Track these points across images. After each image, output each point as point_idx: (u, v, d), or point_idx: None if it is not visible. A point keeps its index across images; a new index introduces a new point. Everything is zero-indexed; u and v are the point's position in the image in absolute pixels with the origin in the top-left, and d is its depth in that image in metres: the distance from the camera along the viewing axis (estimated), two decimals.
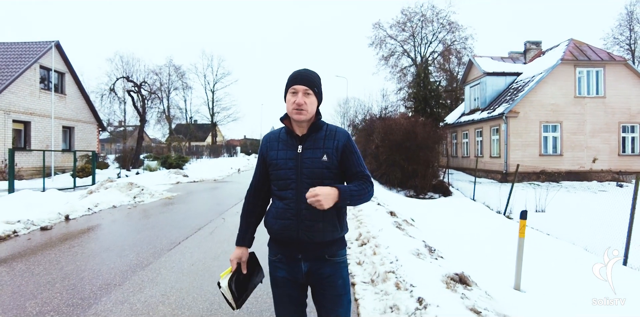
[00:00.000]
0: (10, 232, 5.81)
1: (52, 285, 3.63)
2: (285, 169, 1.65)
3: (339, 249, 1.71)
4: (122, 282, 3.68)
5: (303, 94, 1.63)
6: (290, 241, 1.65)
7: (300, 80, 1.65)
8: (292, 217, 1.62)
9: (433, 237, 5.94)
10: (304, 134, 1.69)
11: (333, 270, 1.67)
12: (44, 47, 17.63)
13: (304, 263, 1.66)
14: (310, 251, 1.65)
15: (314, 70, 1.73)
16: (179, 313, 3.01)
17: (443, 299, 2.96)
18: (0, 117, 15.08)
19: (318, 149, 1.65)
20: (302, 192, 1.60)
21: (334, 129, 1.72)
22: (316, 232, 1.61)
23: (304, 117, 1.64)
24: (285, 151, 1.68)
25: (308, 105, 1.63)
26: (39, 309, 3.08)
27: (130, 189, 9.47)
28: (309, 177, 1.62)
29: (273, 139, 1.75)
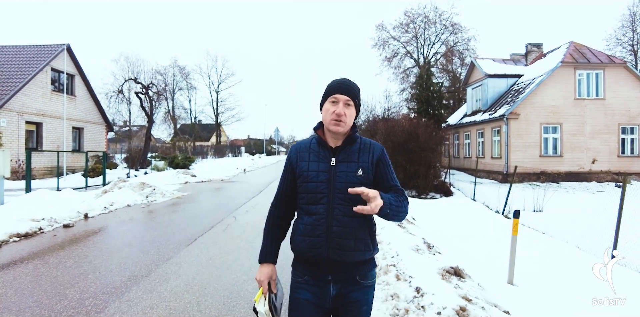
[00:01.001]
0: (37, 229, 6.21)
1: (85, 276, 4.01)
2: (317, 182, 1.55)
3: (370, 270, 1.62)
4: (148, 274, 4.06)
5: (344, 105, 1.56)
6: (320, 260, 1.54)
7: (343, 89, 1.58)
8: (321, 235, 1.52)
9: (432, 235, 6.29)
10: (338, 146, 1.61)
11: (362, 295, 1.58)
12: (55, 50, 18.09)
13: (333, 285, 1.56)
14: (341, 272, 1.55)
15: (354, 82, 1.66)
16: (203, 301, 3.39)
17: (438, 289, 3.31)
18: (14, 119, 15.54)
19: (353, 162, 1.57)
20: (333, 207, 1.53)
21: (368, 142, 1.66)
22: (348, 251, 1.52)
23: (342, 129, 1.56)
24: (317, 163, 1.58)
25: (347, 116, 1.56)
26: (79, 296, 3.47)
27: (142, 189, 9.88)
28: (342, 192, 1.52)
29: (303, 149, 1.65)
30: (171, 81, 36.85)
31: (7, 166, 9.47)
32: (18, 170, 15.27)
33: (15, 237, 5.74)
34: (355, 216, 1.51)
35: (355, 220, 1.53)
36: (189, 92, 40.80)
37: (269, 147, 62.27)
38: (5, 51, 17.95)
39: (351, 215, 1.50)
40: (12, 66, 16.93)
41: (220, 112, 44.43)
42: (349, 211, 1.49)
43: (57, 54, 17.92)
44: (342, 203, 1.52)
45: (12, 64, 17.04)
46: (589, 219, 8.19)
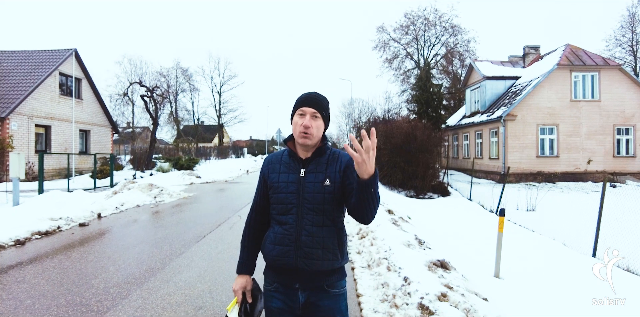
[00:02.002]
0: (55, 227, 6.65)
1: (106, 268, 4.44)
2: (286, 193, 1.60)
3: (339, 279, 1.64)
4: (163, 267, 4.49)
5: (311, 117, 1.59)
6: (288, 268, 1.58)
7: (308, 102, 1.61)
8: (290, 244, 1.56)
9: (425, 232, 6.70)
10: (308, 158, 1.64)
11: (332, 303, 1.60)
12: (63, 54, 18.57)
13: (301, 293, 1.59)
14: (308, 281, 1.58)
15: (323, 94, 1.69)
16: (214, 289, 3.80)
17: (424, 278, 3.72)
18: (24, 122, 16.02)
19: (320, 173, 1.60)
20: (302, 217, 1.57)
21: (337, 153, 1.68)
22: (315, 260, 1.55)
23: (310, 141, 1.59)
24: (287, 174, 1.63)
25: (314, 128, 1.58)
26: (104, 285, 3.89)
27: (150, 190, 10.31)
28: (310, 202, 1.57)
29: (275, 161, 1.70)
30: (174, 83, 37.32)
31: (22, 168, 9.90)
32: (28, 172, 15.73)
33: (37, 235, 6.18)
34: (324, 226, 1.57)
35: (323, 229, 1.57)
36: (191, 94, 41.34)
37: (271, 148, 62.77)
38: (15, 56, 18.44)
39: (319, 225, 1.56)
40: (21, 71, 17.41)
41: (223, 113, 44.88)
42: (318, 220, 1.56)
43: (65, 58, 18.39)
44: (310, 213, 1.56)
45: (22, 69, 17.53)
46: (579, 218, 8.57)
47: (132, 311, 3.28)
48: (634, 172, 17.25)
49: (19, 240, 5.80)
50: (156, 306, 3.38)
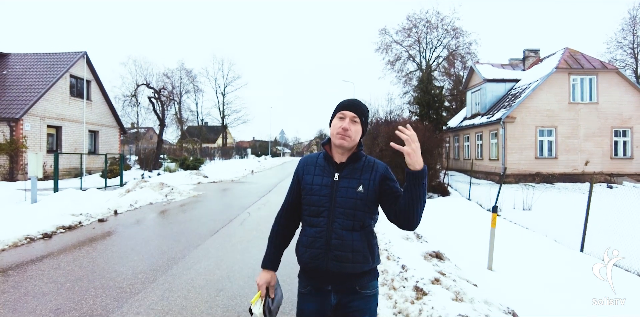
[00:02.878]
0: (77, 222, 7.11)
1: (131, 258, 4.89)
2: (320, 196, 1.64)
3: (370, 280, 1.67)
4: (183, 257, 4.93)
5: (350, 120, 1.64)
6: (320, 271, 1.61)
7: (350, 107, 1.67)
8: (321, 247, 1.59)
9: (424, 228, 7.10)
10: (343, 162, 1.68)
11: (363, 304, 1.63)
12: (74, 57, 19.09)
13: (333, 295, 1.62)
14: (340, 283, 1.61)
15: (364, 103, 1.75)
16: (232, 275, 4.24)
17: (419, 266, 4.14)
18: (37, 123, 16.53)
19: (354, 179, 1.65)
20: (333, 220, 1.59)
21: (372, 161, 1.72)
22: (345, 262, 1.57)
23: (347, 143, 1.63)
24: (321, 177, 1.67)
25: (353, 132, 1.63)
26: (132, 271, 4.34)
27: (161, 189, 10.77)
28: (342, 206, 1.60)
29: (310, 163, 1.74)
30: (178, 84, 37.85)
31: (39, 167, 10.38)
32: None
33: (61, 229, 6.64)
34: (353, 230, 1.59)
35: (353, 234, 1.59)
36: (195, 95, 41.87)
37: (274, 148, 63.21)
38: (27, 59, 18.98)
39: (349, 229, 1.59)
40: (34, 73, 17.94)
41: (227, 114, 45.43)
42: (348, 224, 1.59)
43: (75, 61, 18.91)
44: (341, 217, 1.59)
45: (34, 71, 18.06)
46: (572, 216, 8.95)
47: (161, 292, 3.71)
48: (631, 173, 17.60)
49: (46, 233, 6.25)
50: (182, 288, 3.82)
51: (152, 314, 3.24)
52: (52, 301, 3.51)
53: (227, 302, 3.51)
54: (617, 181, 17.01)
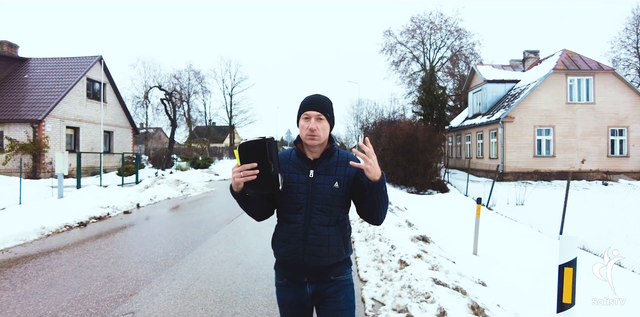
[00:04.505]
0: (106, 214, 7.94)
1: (160, 241, 5.68)
2: (296, 193, 1.66)
3: (344, 268, 1.75)
4: (205, 240, 5.72)
5: (316, 120, 1.65)
6: (296, 264, 1.68)
7: (312, 105, 1.67)
8: (297, 242, 1.64)
9: (418, 219, 7.84)
10: (316, 159, 1.71)
11: (337, 288, 1.71)
12: (90, 61, 20.02)
13: (309, 285, 1.70)
14: (315, 275, 1.69)
15: (325, 96, 1.75)
16: (248, 252, 5.02)
17: (406, 246, 4.88)
18: (57, 124, 17.47)
19: (330, 175, 1.68)
20: (311, 217, 1.64)
21: (345, 155, 1.75)
22: (321, 257, 1.64)
23: (317, 142, 1.66)
24: (297, 174, 1.69)
25: (320, 130, 1.65)
26: (163, 250, 5.14)
27: (177, 185, 11.60)
28: (319, 203, 1.64)
29: (284, 160, 1.74)
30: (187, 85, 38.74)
31: (65, 165, 11.24)
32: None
33: (93, 219, 7.47)
34: (330, 225, 1.66)
35: (329, 228, 1.66)
36: (203, 96, 42.74)
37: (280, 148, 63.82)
38: (47, 63, 19.95)
39: (326, 224, 1.65)
40: (53, 77, 18.89)
41: (234, 114, 46.25)
42: (325, 220, 1.65)
43: (92, 65, 19.84)
44: (319, 213, 1.64)
45: (54, 75, 19.01)
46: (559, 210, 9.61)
47: (190, 266, 4.50)
48: (627, 171, 18.12)
49: (81, 222, 7.09)
50: (207, 262, 4.61)
51: (185, 280, 4.02)
52: (103, 271, 4.31)
53: (245, 272, 4.29)
54: (613, 179, 17.56)
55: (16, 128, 16.43)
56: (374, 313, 3.27)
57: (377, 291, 3.75)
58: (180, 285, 3.87)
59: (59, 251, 5.17)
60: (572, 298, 1.77)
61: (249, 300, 3.51)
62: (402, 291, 3.47)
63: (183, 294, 3.62)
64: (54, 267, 4.45)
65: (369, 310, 3.34)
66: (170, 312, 3.24)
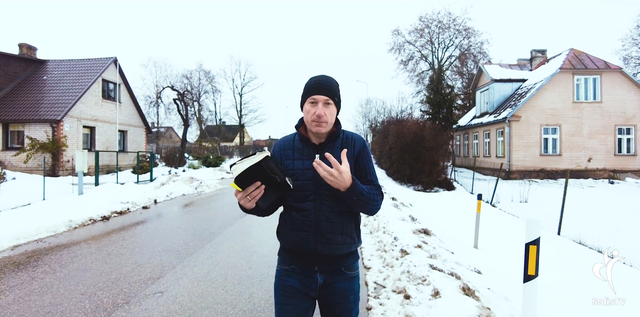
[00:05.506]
0: (126, 209, 8.43)
1: (179, 233, 6.13)
2: (303, 180, 1.58)
3: (354, 261, 1.68)
4: (221, 232, 6.15)
5: (323, 105, 1.56)
6: (308, 252, 1.60)
7: (321, 89, 1.57)
8: (309, 229, 1.57)
9: (422, 215, 8.19)
10: (322, 143, 1.64)
11: (348, 284, 1.65)
12: (105, 62, 20.65)
13: (320, 275, 1.63)
14: (328, 264, 1.62)
15: (332, 77, 1.66)
16: (261, 242, 5.44)
17: (409, 238, 5.25)
18: (74, 124, 18.11)
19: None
20: (321, 203, 1.57)
21: (350, 136, 1.68)
22: (335, 244, 1.58)
23: (324, 129, 1.58)
24: (302, 161, 1.62)
25: (328, 116, 1.57)
26: (183, 241, 5.57)
27: (191, 182, 12.08)
28: (329, 189, 1.53)
29: (287, 147, 1.68)
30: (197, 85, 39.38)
31: (85, 163, 11.77)
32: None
33: (115, 214, 7.95)
34: (342, 211, 1.58)
35: (342, 215, 1.58)
36: (214, 95, 43.37)
37: None
38: (64, 65, 20.62)
39: (338, 210, 1.57)
40: (70, 78, 19.55)
41: (244, 114, 46.87)
42: (336, 206, 1.56)
43: (107, 66, 20.47)
44: (329, 199, 1.56)
45: (71, 76, 19.67)
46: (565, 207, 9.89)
47: (209, 254, 4.93)
48: (634, 169, 18.19)
49: (104, 216, 7.57)
50: (224, 251, 5.03)
51: (205, 266, 4.45)
52: (130, 259, 4.75)
53: (260, 259, 4.70)
54: (620, 177, 17.65)
55: (36, 128, 17.08)
56: (375, 294, 3.65)
57: (379, 276, 4.13)
58: (202, 270, 4.29)
59: (87, 241, 5.64)
60: (535, 271, 2.12)
61: (264, 283, 3.92)
62: (401, 275, 3.85)
63: (205, 278, 4.05)
64: (86, 255, 4.91)
65: (371, 292, 3.72)
66: (195, 292, 3.66)
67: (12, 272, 4.23)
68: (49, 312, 3.21)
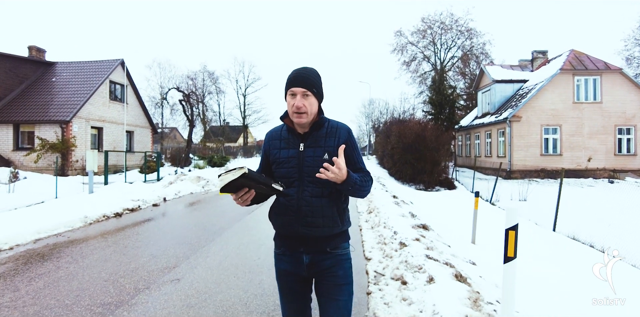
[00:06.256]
0: (137, 206, 8.76)
1: (190, 228, 6.45)
2: (288, 168, 1.69)
3: (341, 242, 1.76)
4: (230, 227, 6.47)
5: (302, 96, 1.63)
6: (293, 235, 1.71)
7: (298, 82, 1.65)
8: (292, 214, 1.67)
9: (422, 212, 8.48)
10: (306, 132, 1.72)
11: (334, 262, 1.73)
12: (112, 64, 21.05)
13: (305, 256, 1.72)
14: (312, 245, 1.71)
15: (313, 69, 1.73)
16: (268, 236, 5.74)
17: (407, 232, 5.54)
18: (82, 125, 18.50)
19: (319, 147, 1.69)
20: (303, 189, 1.66)
21: (335, 126, 1.75)
22: (316, 227, 1.66)
23: (305, 120, 1.66)
24: (287, 150, 1.72)
25: (307, 107, 1.64)
26: (194, 235, 5.90)
27: (198, 181, 12.42)
28: (310, 175, 1.64)
29: (275, 137, 1.79)
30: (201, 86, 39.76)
31: (95, 163, 12.13)
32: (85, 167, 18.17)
33: (127, 211, 8.29)
34: (322, 196, 1.67)
35: (322, 200, 1.67)
36: (218, 96, 43.81)
37: None
38: (72, 67, 21.04)
39: (319, 195, 1.67)
40: (78, 80, 19.96)
41: (247, 114, 47.22)
42: (317, 192, 1.67)
43: (114, 68, 20.86)
44: (310, 185, 1.66)
45: (79, 78, 20.08)
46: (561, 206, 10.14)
47: (220, 246, 5.25)
48: (634, 169, 18.39)
49: (117, 213, 7.91)
50: (234, 244, 5.35)
51: (217, 257, 4.76)
52: (146, 251, 5.08)
53: (267, 251, 5.02)
54: (620, 177, 17.85)
55: (46, 128, 17.48)
56: (375, 281, 3.95)
57: (378, 265, 4.44)
58: (214, 260, 4.61)
59: (104, 236, 5.97)
60: (514, 253, 2.41)
61: (272, 271, 4.20)
62: (399, 264, 4.15)
63: (217, 267, 4.36)
64: (104, 248, 5.24)
65: (371, 279, 4.03)
66: (209, 279, 3.97)
67: (38, 262, 4.57)
68: (77, 295, 3.53)
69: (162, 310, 3.21)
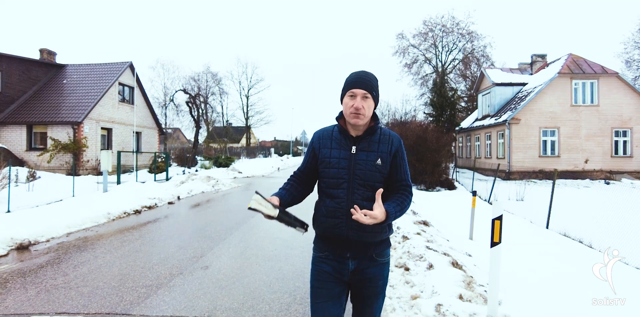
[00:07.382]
0: (154, 204, 9.28)
1: (208, 224, 6.96)
2: (338, 169, 1.68)
3: (385, 248, 1.76)
4: (245, 222, 6.99)
5: (361, 98, 1.65)
6: (340, 239, 1.68)
7: (359, 84, 1.67)
8: (342, 216, 1.65)
9: (423, 210, 8.97)
10: (359, 136, 1.72)
11: (378, 271, 1.73)
12: (121, 67, 21.60)
13: (351, 261, 1.70)
14: (359, 250, 1.69)
15: (372, 73, 1.74)
16: (281, 230, 6.26)
17: (409, 227, 6.04)
18: (93, 126, 19.04)
19: (372, 152, 1.69)
20: (353, 192, 1.65)
21: (387, 133, 1.76)
22: (365, 232, 1.64)
23: (362, 121, 1.67)
24: (338, 150, 1.71)
25: (366, 109, 1.65)
26: (213, 229, 6.41)
27: (208, 181, 12.93)
28: (361, 179, 1.65)
29: (326, 136, 1.78)
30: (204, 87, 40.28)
31: (109, 163, 12.65)
32: (97, 167, 18.72)
33: (145, 208, 8.81)
34: (373, 200, 1.63)
35: (372, 204, 1.62)
36: (221, 97, 44.29)
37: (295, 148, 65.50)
38: (82, 69, 21.61)
39: (369, 199, 1.64)
40: (89, 82, 20.52)
41: (250, 115, 47.79)
42: (367, 195, 1.65)
43: (123, 70, 21.42)
44: (361, 189, 1.65)
45: (89, 80, 20.64)
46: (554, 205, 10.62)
47: (239, 239, 5.76)
48: (630, 171, 18.85)
49: (136, 210, 8.43)
50: (250, 237, 5.87)
51: (238, 248, 5.28)
52: (172, 243, 5.59)
53: (283, 243, 5.53)
54: (616, 178, 18.32)
55: (58, 129, 18.02)
56: None
57: None
58: (236, 251, 5.13)
59: (129, 230, 6.49)
60: (499, 238, 2.91)
61: (289, 259, 4.75)
62: (402, 254, 4.65)
63: (240, 256, 4.88)
64: (132, 240, 5.75)
65: None
66: (234, 266, 4.48)
67: (76, 253, 5.08)
68: (121, 279, 4.04)
69: (198, 290, 3.72)
